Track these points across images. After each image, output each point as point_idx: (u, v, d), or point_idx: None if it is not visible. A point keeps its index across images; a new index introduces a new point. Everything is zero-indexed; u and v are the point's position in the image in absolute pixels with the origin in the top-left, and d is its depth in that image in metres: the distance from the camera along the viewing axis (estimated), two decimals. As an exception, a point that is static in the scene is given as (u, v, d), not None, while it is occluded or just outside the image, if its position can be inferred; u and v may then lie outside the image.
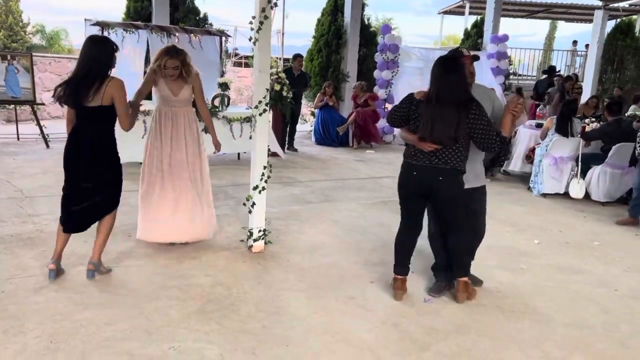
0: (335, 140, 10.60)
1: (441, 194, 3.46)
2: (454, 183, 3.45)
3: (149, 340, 2.98)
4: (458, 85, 3.35)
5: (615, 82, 14.40)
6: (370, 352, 3.00)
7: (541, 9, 18.15)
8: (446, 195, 3.47)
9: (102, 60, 3.49)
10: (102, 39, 3.70)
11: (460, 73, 3.38)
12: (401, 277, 3.69)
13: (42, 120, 9.51)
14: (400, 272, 3.69)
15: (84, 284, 3.62)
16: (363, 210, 5.85)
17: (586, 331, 3.40)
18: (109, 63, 3.53)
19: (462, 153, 3.41)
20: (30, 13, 24.68)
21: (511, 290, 3.97)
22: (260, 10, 4.10)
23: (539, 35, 63.17)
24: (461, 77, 3.38)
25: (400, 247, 3.69)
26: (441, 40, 23.39)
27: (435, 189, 3.44)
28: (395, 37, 10.90)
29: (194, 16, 11.05)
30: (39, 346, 2.85)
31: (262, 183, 4.36)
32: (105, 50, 3.52)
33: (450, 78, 3.34)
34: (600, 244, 5.20)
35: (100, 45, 3.54)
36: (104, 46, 3.54)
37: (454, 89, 3.33)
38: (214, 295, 3.59)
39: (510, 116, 3.48)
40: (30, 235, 4.51)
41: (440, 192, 3.45)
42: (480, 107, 3.35)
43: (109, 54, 3.53)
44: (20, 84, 8.79)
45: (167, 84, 4.21)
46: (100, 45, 3.54)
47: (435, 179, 3.41)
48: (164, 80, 4.19)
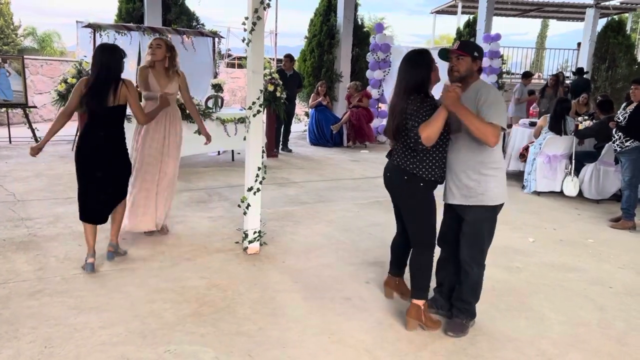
0: (330, 140, 10.62)
1: (394, 194, 3.30)
2: (410, 189, 3.14)
3: (144, 343, 2.96)
4: (403, 79, 3.10)
5: (608, 80, 14.47)
6: (367, 353, 2.99)
7: (533, 8, 18.23)
8: (399, 196, 3.26)
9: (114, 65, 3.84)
10: (112, 47, 3.98)
11: (410, 65, 3.09)
12: (393, 276, 3.67)
13: (35, 123, 9.44)
14: (391, 271, 3.68)
15: (78, 288, 3.59)
16: (358, 210, 5.84)
17: (582, 329, 3.41)
18: (120, 67, 3.88)
19: (417, 155, 3.07)
20: (22, 15, 24.62)
21: (506, 288, 3.98)
22: (252, 11, 4.09)
23: (531, 34, 63.46)
24: (407, 69, 3.10)
25: (392, 248, 3.66)
26: (434, 40, 23.45)
27: (389, 188, 3.31)
28: (386, 36, 10.92)
29: (186, 17, 11.03)
30: (33, 351, 2.83)
31: (256, 184, 4.34)
32: (115, 57, 3.85)
33: (401, 70, 3.14)
34: (595, 241, 5.23)
35: (111, 52, 3.87)
36: (114, 53, 3.87)
37: (402, 80, 3.10)
38: (209, 297, 3.57)
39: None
40: (23, 239, 4.47)
41: (393, 192, 3.30)
42: (419, 101, 3.00)
43: (119, 60, 3.87)
44: (12, 87, 8.76)
45: (155, 79, 4.46)
46: (111, 52, 3.87)
47: (388, 177, 3.27)
48: (153, 74, 4.46)
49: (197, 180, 6.97)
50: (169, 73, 4.49)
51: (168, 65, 4.48)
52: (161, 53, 4.43)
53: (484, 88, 3.02)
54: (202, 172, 7.52)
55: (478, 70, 3.10)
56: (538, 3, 17.55)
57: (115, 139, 3.94)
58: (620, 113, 5.93)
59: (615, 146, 5.94)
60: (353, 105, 10.55)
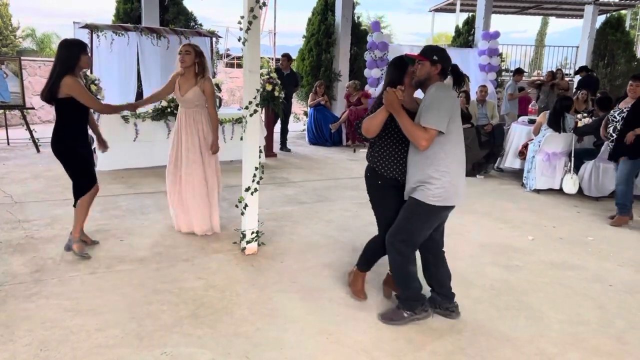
0: (329, 139, 10.60)
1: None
2: (369, 184, 3.43)
3: (141, 346, 2.94)
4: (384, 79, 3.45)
5: (607, 77, 14.45)
6: (365, 353, 2.97)
7: (532, 5, 18.20)
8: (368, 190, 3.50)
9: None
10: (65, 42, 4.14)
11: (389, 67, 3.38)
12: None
13: (32, 124, 9.43)
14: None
15: (74, 290, 3.58)
16: (357, 210, 5.82)
17: (581, 327, 3.39)
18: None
19: (373, 149, 3.36)
20: (20, 17, 24.54)
21: (505, 287, 3.96)
22: (248, 10, 4.07)
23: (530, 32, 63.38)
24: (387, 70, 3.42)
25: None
26: (432, 38, 23.42)
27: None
28: (383, 35, 10.88)
29: (184, 17, 11.00)
30: (28, 354, 2.81)
31: (254, 184, 4.32)
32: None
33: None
34: (594, 239, 5.21)
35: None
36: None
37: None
38: (207, 298, 3.55)
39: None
40: (20, 241, 4.45)
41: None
42: (378, 98, 3.29)
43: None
44: (9, 89, 8.72)
45: (179, 84, 4.59)
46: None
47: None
48: (179, 80, 4.59)
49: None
50: (197, 79, 4.55)
51: (198, 71, 4.55)
52: (190, 59, 4.51)
53: (430, 90, 3.08)
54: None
55: (440, 72, 3.13)
56: (537, 0, 17.51)
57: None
58: (617, 112, 5.91)
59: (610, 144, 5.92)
60: (352, 103, 10.53)
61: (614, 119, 5.88)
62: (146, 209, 5.49)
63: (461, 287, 3.81)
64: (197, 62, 4.54)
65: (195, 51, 4.54)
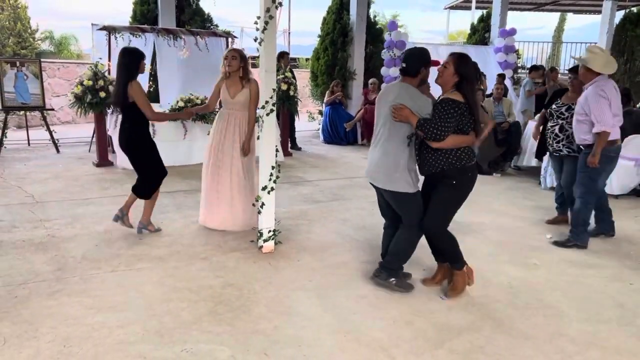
0: (344, 138, 10.60)
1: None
2: (468, 178, 3.60)
3: (161, 342, 2.98)
4: None
5: (627, 74, 14.22)
6: (383, 351, 2.98)
7: (549, 2, 17.98)
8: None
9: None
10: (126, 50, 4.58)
11: None
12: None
13: (52, 125, 9.57)
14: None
15: (95, 288, 3.64)
16: (372, 209, 5.80)
17: (601, 326, 3.36)
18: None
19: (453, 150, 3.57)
20: (39, 19, 24.90)
21: (524, 285, 3.93)
22: (265, 10, 4.09)
23: (547, 29, 62.68)
24: None
25: (457, 242, 3.77)
26: (448, 35, 23.27)
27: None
28: (401, 33, 10.86)
29: (200, 18, 11.08)
30: (52, 350, 2.87)
31: (270, 183, 4.35)
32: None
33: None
34: (614, 237, 5.14)
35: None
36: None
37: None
38: (225, 296, 3.59)
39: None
40: (42, 240, 4.53)
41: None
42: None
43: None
44: (30, 90, 8.87)
45: (227, 87, 4.80)
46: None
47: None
48: (225, 84, 4.80)
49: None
50: (242, 82, 4.77)
51: (243, 75, 4.76)
52: (236, 64, 4.73)
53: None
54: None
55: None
56: (553, -4, 17.32)
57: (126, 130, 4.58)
58: (564, 108, 5.10)
59: (561, 147, 5.12)
60: (369, 101, 10.52)
61: (562, 115, 5.09)
62: (164, 208, 5.55)
63: (479, 285, 3.80)
64: (242, 66, 4.74)
65: (240, 56, 4.76)
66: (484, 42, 13.43)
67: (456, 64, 3.44)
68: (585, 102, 4.58)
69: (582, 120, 4.64)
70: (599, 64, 4.51)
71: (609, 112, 4.50)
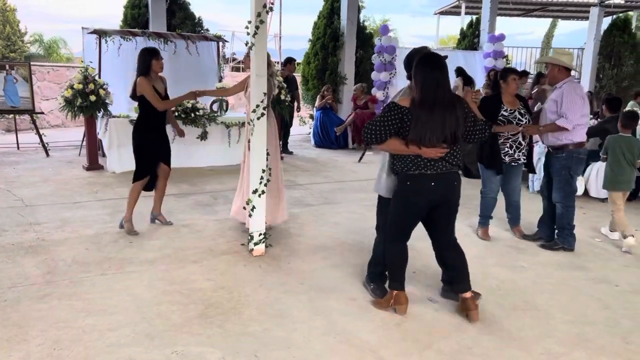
0: (335, 142, 10.64)
1: (453, 199, 3.37)
2: (460, 184, 3.41)
3: (152, 345, 2.99)
4: (447, 82, 3.25)
5: (613, 79, 14.42)
6: (372, 353, 3.01)
7: (537, 7, 18.19)
8: (457, 199, 3.41)
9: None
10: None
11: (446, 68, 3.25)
12: (404, 292, 3.52)
13: (42, 129, 9.54)
14: (402, 287, 3.52)
15: (85, 291, 3.63)
16: (363, 212, 5.85)
17: (587, 327, 3.41)
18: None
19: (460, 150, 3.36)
20: (28, 22, 24.77)
21: (511, 287, 3.98)
22: (255, 14, 4.13)
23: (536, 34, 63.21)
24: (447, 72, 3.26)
25: (403, 262, 3.52)
26: (439, 40, 23.44)
27: (450, 194, 3.34)
28: (392, 38, 10.92)
29: (191, 22, 11.09)
30: (42, 353, 2.86)
31: (261, 187, 4.37)
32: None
33: (444, 75, 3.21)
34: (601, 240, 5.21)
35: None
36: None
37: (447, 86, 3.23)
38: (216, 299, 3.60)
39: (474, 104, 3.87)
40: (32, 243, 4.52)
41: (453, 198, 3.37)
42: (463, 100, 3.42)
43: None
44: (19, 94, 8.83)
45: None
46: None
47: (451, 184, 3.32)
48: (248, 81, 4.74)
49: (203, 184, 7.01)
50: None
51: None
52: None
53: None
54: (208, 175, 7.56)
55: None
56: (542, 2, 17.50)
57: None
58: (514, 112, 4.85)
59: (520, 155, 5.01)
60: (359, 106, 10.58)
61: (520, 121, 4.86)
62: (155, 211, 5.54)
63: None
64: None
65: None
66: (473, 47, 13.56)
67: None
68: (560, 99, 4.63)
69: (556, 119, 4.68)
70: (568, 61, 4.78)
71: (580, 112, 4.61)
